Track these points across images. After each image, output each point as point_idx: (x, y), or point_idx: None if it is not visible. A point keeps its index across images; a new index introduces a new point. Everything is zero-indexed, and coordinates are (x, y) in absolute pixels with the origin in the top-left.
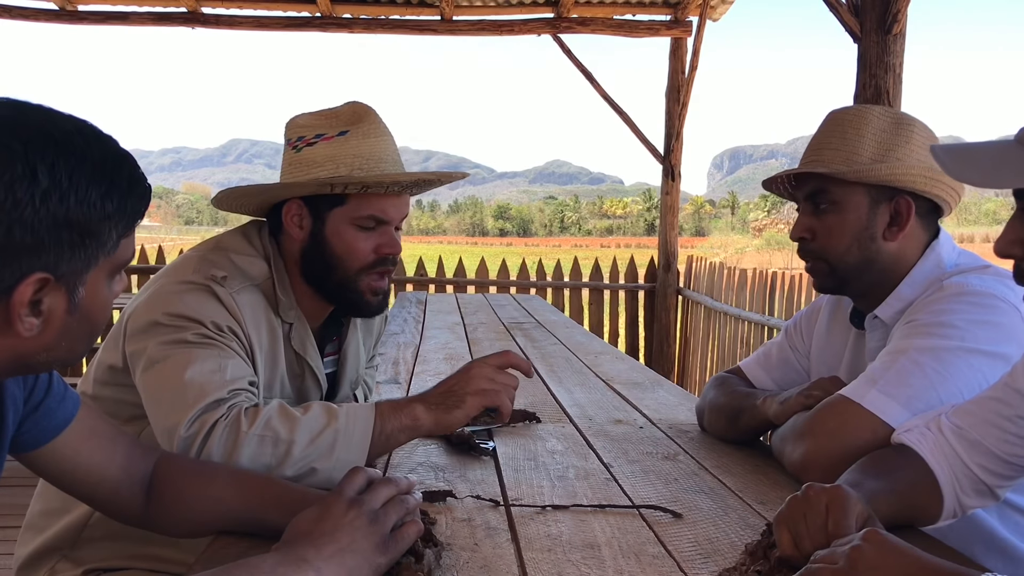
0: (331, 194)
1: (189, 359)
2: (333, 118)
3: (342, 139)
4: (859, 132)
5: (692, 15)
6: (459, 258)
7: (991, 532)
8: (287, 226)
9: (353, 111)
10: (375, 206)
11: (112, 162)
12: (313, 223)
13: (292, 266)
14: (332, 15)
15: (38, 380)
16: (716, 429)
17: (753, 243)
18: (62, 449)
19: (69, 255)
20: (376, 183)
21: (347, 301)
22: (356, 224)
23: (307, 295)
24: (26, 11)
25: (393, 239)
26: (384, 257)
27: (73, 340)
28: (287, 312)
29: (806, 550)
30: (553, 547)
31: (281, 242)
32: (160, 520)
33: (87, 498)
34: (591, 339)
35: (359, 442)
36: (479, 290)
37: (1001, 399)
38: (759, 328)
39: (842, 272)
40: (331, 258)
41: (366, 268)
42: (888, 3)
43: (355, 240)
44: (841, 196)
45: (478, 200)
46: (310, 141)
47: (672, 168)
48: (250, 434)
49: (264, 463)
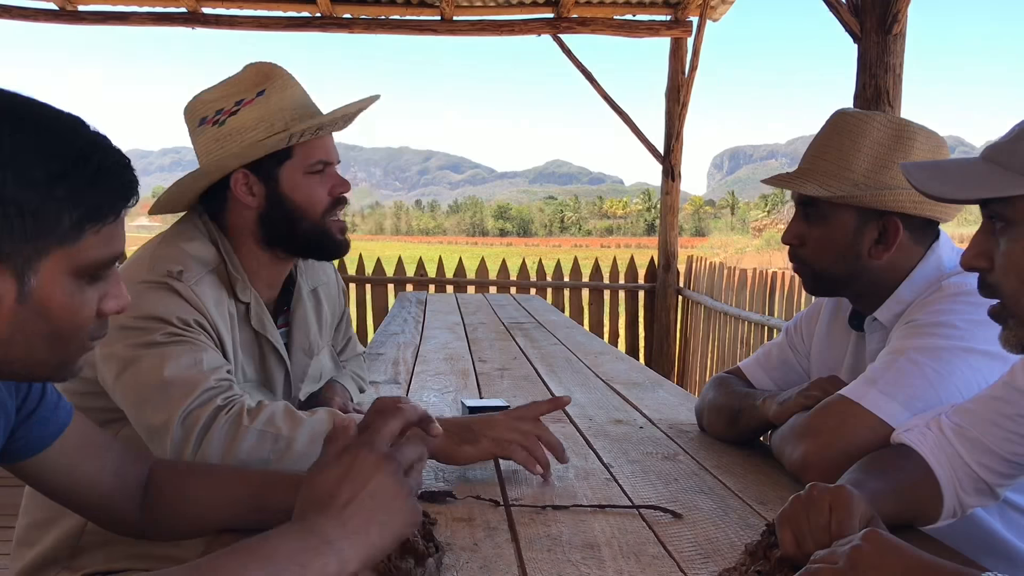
0: (275, 153)
1: (164, 358)
2: (243, 83)
3: (262, 98)
4: (856, 144)
5: (692, 15)
6: (459, 258)
7: (991, 532)
8: (238, 197)
9: (259, 71)
10: (320, 150)
11: (77, 148)
12: (266, 187)
13: (244, 240)
14: (332, 15)
15: (31, 389)
16: (716, 429)
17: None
18: (55, 458)
19: (9, 234)
20: (331, 122)
21: (320, 247)
22: (309, 172)
23: (264, 265)
24: (26, 11)
25: (340, 178)
26: (340, 197)
27: (29, 337)
28: (243, 292)
29: (808, 550)
30: (553, 547)
31: (226, 221)
32: (159, 525)
33: (80, 507)
34: (591, 339)
35: None
36: (479, 290)
37: (1002, 398)
38: (759, 328)
39: (827, 282)
40: (295, 211)
41: (328, 211)
42: (888, 3)
43: (312, 187)
44: (829, 211)
45: (478, 200)
46: (232, 111)
47: (672, 168)
48: (251, 428)
49: (262, 458)
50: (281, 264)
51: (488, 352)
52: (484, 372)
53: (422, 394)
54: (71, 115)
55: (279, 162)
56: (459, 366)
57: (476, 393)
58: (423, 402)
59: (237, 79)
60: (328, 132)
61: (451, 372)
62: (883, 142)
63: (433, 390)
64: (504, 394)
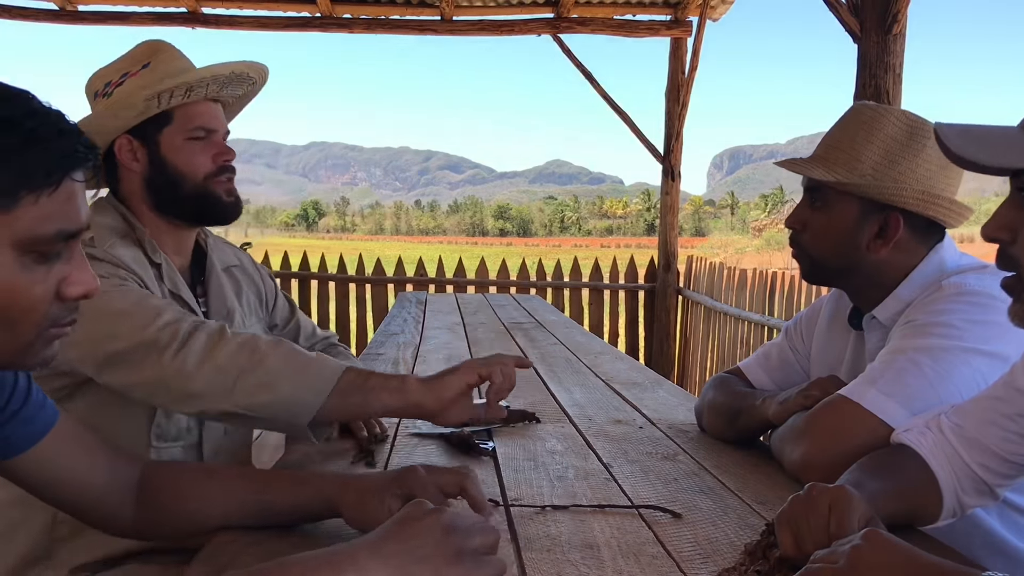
0: (156, 117)
1: (110, 298)
2: (132, 58)
3: (147, 70)
4: (869, 137)
5: (692, 15)
6: (459, 258)
7: (991, 532)
8: (123, 163)
9: (148, 47)
10: (200, 116)
11: (9, 114)
12: (148, 150)
13: (138, 205)
14: (332, 15)
15: (16, 389)
16: (715, 429)
17: (753, 243)
18: (42, 456)
19: None
20: (197, 81)
21: (205, 208)
22: (189, 138)
23: (165, 231)
24: (26, 11)
25: (226, 147)
26: (224, 165)
27: None
28: (154, 253)
29: (808, 550)
30: (552, 547)
31: (121, 192)
32: (156, 525)
33: (71, 507)
34: (591, 339)
35: (330, 374)
36: (479, 290)
37: (1002, 398)
38: (759, 328)
39: (824, 271)
40: (175, 175)
41: (211, 176)
42: (888, 3)
43: (192, 153)
44: (833, 199)
45: (478, 200)
46: (118, 82)
47: (672, 168)
48: (233, 340)
49: (239, 364)
50: (181, 231)
51: (488, 352)
52: None
53: None
54: (18, 88)
55: (159, 127)
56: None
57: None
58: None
59: (128, 55)
60: (201, 96)
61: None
62: (896, 137)
63: None
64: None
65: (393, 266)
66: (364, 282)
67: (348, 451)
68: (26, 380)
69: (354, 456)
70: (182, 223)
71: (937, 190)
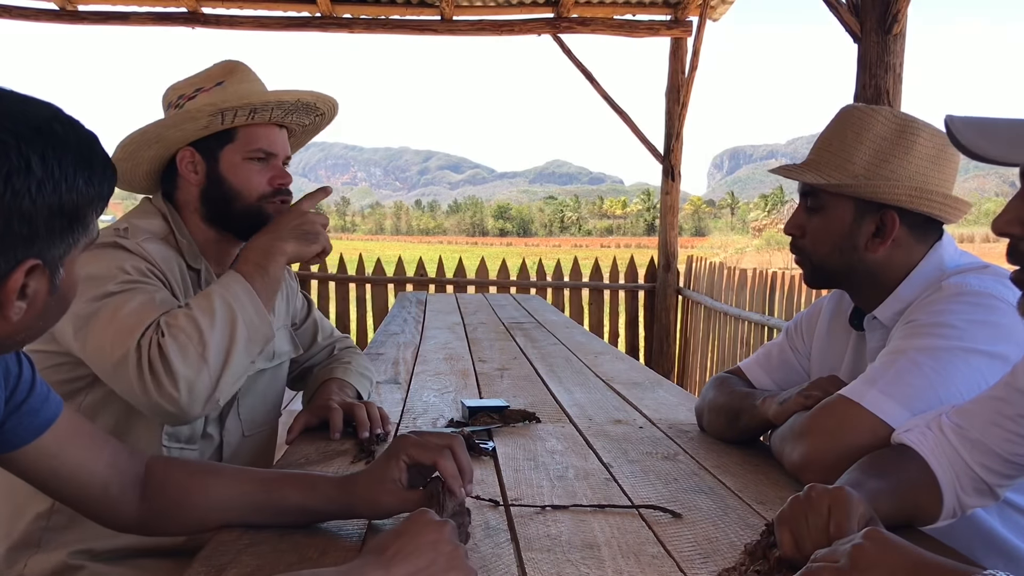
0: (220, 133)
1: (120, 303)
2: (207, 75)
3: (219, 88)
4: (859, 137)
5: (692, 15)
6: (459, 258)
7: (991, 532)
8: (183, 173)
9: (225, 67)
10: (262, 139)
11: (87, 147)
12: (207, 165)
13: (190, 215)
14: (332, 15)
15: (20, 380)
16: (715, 429)
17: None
18: (46, 448)
19: (59, 241)
20: (262, 104)
21: (255, 226)
22: (248, 158)
23: (211, 240)
24: (26, 11)
25: (283, 171)
26: (279, 188)
27: (48, 319)
28: (194, 259)
29: (807, 551)
30: (552, 547)
31: (177, 199)
32: (160, 521)
33: (75, 500)
34: (591, 339)
35: (255, 312)
36: (479, 290)
37: (1002, 398)
38: (759, 328)
39: (825, 274)
40: (230, 192)
41: (265, 197)
42: (888, 3)
43: (249, 173)
44: (828, 202)
45: (478, 200)
46: (191, 96)
47: (672, 168)
48: (179, 335)
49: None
50: (227, 243)
51: (488, 352)
52: (484, 372)
53: (422, 394)
54: (53, 106)
55: (222, 144)
56: (459, 366)
57: (476, 393)
58: (423, 402)
59: (205, 72)
60: (265, 119)
61: (451, 372)
62: (885, 136)
63: (433, 390)
64: (504, 394)
65: (393, 266)
66: (364, 282)
67: (348, 451)
68: (30, 371)
69: (354, 456)
70: (231, 236)
71: (930, 186)
